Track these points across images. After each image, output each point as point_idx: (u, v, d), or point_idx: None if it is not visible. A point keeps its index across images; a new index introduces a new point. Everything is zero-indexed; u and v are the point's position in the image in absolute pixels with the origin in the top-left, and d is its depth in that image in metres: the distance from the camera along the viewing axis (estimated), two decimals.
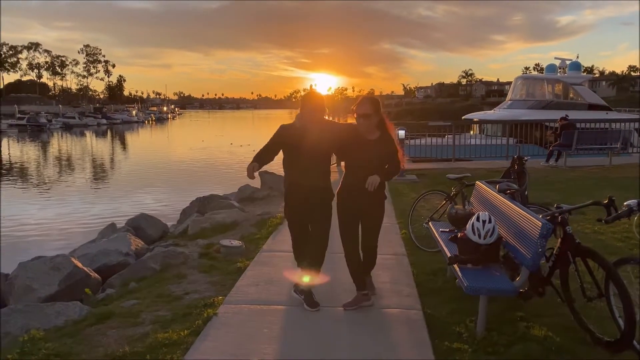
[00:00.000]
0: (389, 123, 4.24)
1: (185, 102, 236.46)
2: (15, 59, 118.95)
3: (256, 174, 4.32)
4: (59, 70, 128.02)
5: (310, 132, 4.16)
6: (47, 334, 4.24)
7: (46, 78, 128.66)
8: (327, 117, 4.46)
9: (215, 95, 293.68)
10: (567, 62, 26.55)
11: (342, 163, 4.52)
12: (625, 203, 3.42)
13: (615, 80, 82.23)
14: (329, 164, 4.50)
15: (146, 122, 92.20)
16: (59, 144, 48.06)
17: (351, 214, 4.29)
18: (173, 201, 15.28)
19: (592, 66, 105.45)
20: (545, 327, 3.89)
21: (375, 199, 4.21)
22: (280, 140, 4.29)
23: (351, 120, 4.44)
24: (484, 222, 4.02)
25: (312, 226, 4.39)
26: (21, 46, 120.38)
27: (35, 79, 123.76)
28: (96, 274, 5.72)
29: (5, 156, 34.18)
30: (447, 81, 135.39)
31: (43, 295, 5.19)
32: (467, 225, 4.12)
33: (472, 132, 21.44)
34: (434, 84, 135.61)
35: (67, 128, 68.80)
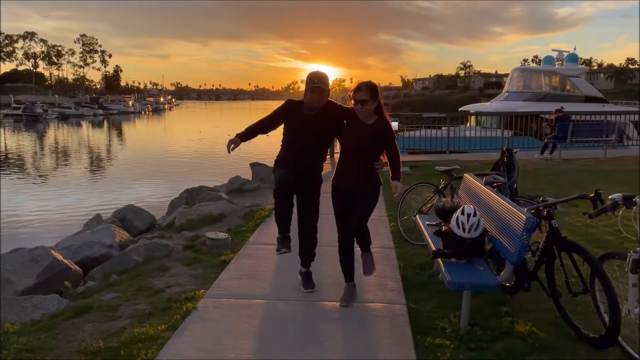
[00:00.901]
0: (385, 109, 4.17)
1: (183, 93, 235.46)
2: (11, 49, 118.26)
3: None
4: (55, 60, 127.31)
5: (315, 111, 4.10)
6: (22, 328, 4.15)
7: (42, 68, 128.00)
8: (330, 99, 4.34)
9: (213, 86, 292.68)
10: (565, 54, 26.42)
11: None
12: (610, 197, 3.33)
13: (613, 72, 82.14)
14: (328, 145, 4.45)
15: (143, 112, 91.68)
16: (55, 134, 47.83)
17: (345, 201, 4.17)
18: (164, 192, 15.16)
19: (591, 58, 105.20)
20: (530, 323, 3.82)
21: (370, 186, 4.14)
22: (285, 114, 4.22)
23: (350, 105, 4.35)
24: (468, 215, 3.93)
25: (301, 206, 4.34)
26: (17, 35, 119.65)
27: (32, 68, 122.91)
28: (77, 267, 5.62)
29: None
30: (445, 73, 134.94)
31: (21, 288, 5.09)
32: (452, 219, 4.03)
33: (468, 124, 21.35)
34: (432, 76, 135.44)
35: (63, 118, 68.42)
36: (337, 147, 10.15)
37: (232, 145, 4.13)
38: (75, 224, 10.58)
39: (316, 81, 4.06)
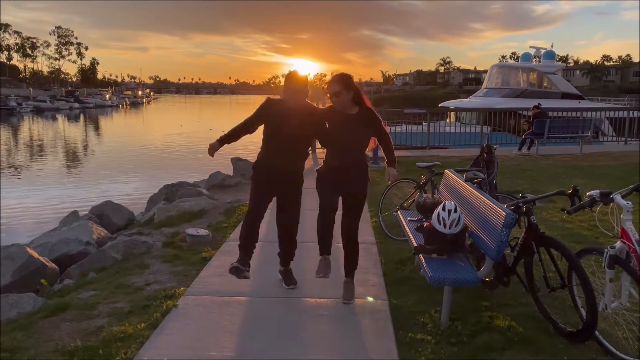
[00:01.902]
0: (365, 96, 4.14)
1: (161, 87, 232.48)
2: None
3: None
4: (30, 52, 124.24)
5: (294, 111, 4.08)
6: None
7: (16, 60, 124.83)
8: (309, 100, 4.35)
9: (192, 79, 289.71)
10: (542, 51, 26.79)
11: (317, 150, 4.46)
12: (587, 193, 3.39)
13: (589, 69, 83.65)
14: (308, 147, 4.44)
15: (120, 106, 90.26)
16: (29, 128, 46.79)
17: (333, 188, 4.11)
18: (142, 188, 14.95)
19: (567, 55, 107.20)
20: (509, 317, 3.87)
21: (360, 179, 4.12)
22: (265, 114, 4.20)
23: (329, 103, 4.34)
24: (449, 211, 3.95)
25: (281, 208, 4.32)
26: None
27: (5, 61, 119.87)
28: (53, 264, 5.51)
29: None
30: (425, 69, 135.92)
31: None
32: (433, 215, 4.05)
33: (447, 120, 21.51)
34: (412, 72, 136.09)
35: (38, 112, 66.95)
36: (318, 144, 10.13)
37: (212, 151, 4.17)
38: (51, 221, 10.38)
39: (294, 82, 4.10)
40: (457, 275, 3.67)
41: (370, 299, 4.27)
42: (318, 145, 10.89)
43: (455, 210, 3.97)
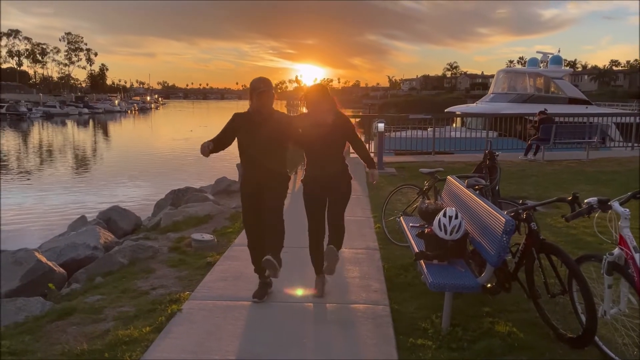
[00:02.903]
0: (338, 105, 4.35)
1: (169, 92, 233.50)
2: None
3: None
4: (40, 58, 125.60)
5: (262, 119, 4.19)
6: (6, 331, 4.15)
7: (26, 66, 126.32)
8: (275, 108, 4.46)
9: (200, 85, 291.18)
10: (549, 56, 26.72)
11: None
12: (585, 200, 3.42)
13: (597, 74, 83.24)
14: (284, 151, 4.42)
15: (129, 111, 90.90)
16: (39, 133, 47.25)
17: (318, 198, 4.36)
18: (149, 193, 15.08)
19: (575, 60, 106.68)
20: (510, 323, 3.89)
21: (341, 178, 4.35)
22: (236, 128, 4.27)
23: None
24: (450, 217, 3.99)
25: (265, 206, 4.28)
26: (1, 33, 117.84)
27: (15, 66, 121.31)
28: (61, 269, 5.59)
29: None
30: (432, 73, 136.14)
31: (4, 290, 5.06)
32: (434, 221, 4.09)
33: (454, 125, 21.51)
34: (419, 76, 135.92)
35: (48, 117, 67.61)
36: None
37: (207, 148, 4.12)
38: (60, 225, 10.51)
39: (262, 86, 4.16)
40: (457, 281, 3.70)
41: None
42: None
43: (456, 217, 4.01)
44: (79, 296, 4.88)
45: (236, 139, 4.31)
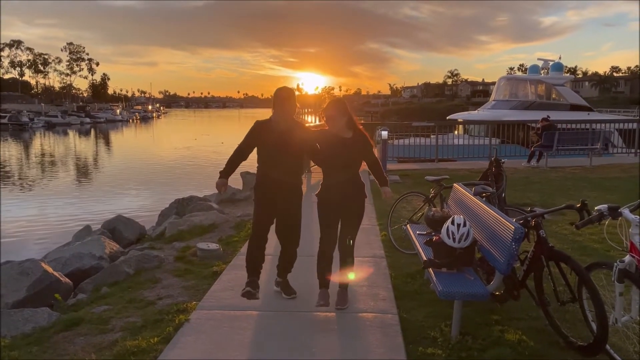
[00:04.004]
0: (357, 122, 4.33)
1: (171, 101, 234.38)
2: None
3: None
4: (42, 69, 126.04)
5: (283, 128, 4.26)
6: (13, 342, 4.14)
7: (28, 76, 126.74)
8: (298, 117, 4.52)
9: (202, 94, 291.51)
10: (550, 63, 26.81)
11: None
12: (596, 208, 3.41)
13: (598, 80, 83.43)
14: (300, 162, 4.56)
15: (130, 121, 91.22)
16: (41, 143, 47.38)
17: (333, 213, 4.29)
18: (153, 202, 15.08)
19: (576, 67, 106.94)
20: (519, 331, 3.87)
21: (357, 199, 4.30)
22: (257, 135, 4.35)
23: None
24: (458, 225, 3.98)
25: (282, 220, 4.47)
26: (3, 44, 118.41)
27: (17, 77, 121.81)
28: (67, 279, 5.58)
29: None
30: (433, 81, 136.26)
31: (11, 301, 5.05)
32: (442, 229, 4.08)
33: (456, 132, 21.54)
34: (420, 84, 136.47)
35: (50, 127, 67.82)
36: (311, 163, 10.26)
37: (223, 187, 4.41)
38: (64, 235, 10.49)
39: (284, 95, 4.27)
40: (467, 289, 3.69)
41: None
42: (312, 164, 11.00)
43: (464, 224, 4.00)
44: (86, 306, 4.87)
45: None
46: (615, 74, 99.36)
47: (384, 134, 12.04)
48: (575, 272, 3.49)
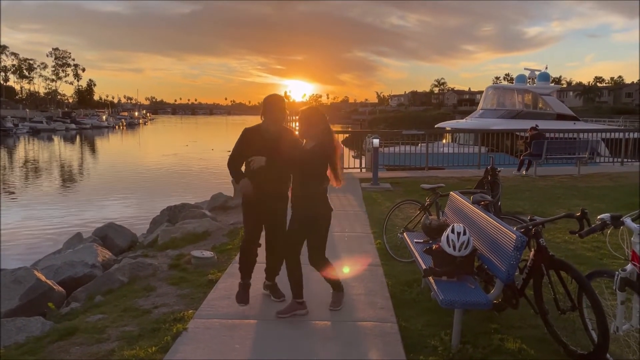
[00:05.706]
0: (327, 131, 4.28)
1: (158, 107, 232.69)
2: None
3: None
4: (27, 74, 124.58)
5: (273, 135, 4.30)
6: (7, 352, 4.05)
7: (13, 81, 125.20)
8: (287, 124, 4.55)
9: (188, 100, 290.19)
10: (537, 73, 27.18)
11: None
12: (598, 217, 3.44)
13: (582, 90, 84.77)
14: (287, 170, 4.49)
15: (117, 127, 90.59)
16: (26, 149, 46.75)
17: (299, 220, 4.30)
18: (143, 210, 14.93)
19: (560, 77, 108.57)
20: (519, 340, 3.88)
21: (320, 206, 4.27)
22: (245, 143, 4.37)
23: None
24: (458, 234, 3.99)
25: (268, 225, 4.56)
26: None
27: (2, 82, 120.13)
28: (60, 287, 5.48)
29: None
30: (420, 89, 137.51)
31: (3, 310, 4.95)
32: (442, 237, 4.09)
33: (444, 141, 21.68)
34: (407, 92, 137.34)
35: (35, 133, 67.05)
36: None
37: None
38: (52, 243, 10.34)
39: (275, 102, 4.31)
40: (468, 298, 3.69)
41: None
42: None
43: (465, 233, 4.01)
44: (80, 315, 4.79)
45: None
46: (598, 84, 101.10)
47: (375, 142, 12.07)
48: (576, 281, 3.51)
